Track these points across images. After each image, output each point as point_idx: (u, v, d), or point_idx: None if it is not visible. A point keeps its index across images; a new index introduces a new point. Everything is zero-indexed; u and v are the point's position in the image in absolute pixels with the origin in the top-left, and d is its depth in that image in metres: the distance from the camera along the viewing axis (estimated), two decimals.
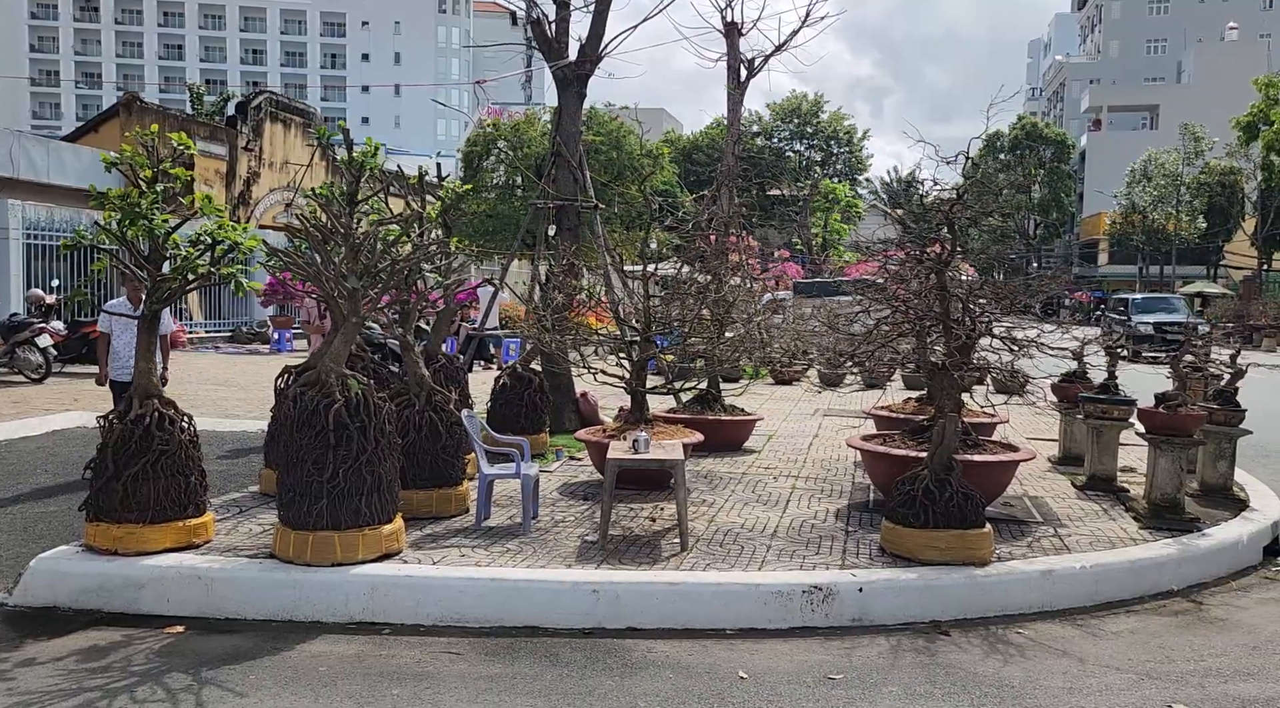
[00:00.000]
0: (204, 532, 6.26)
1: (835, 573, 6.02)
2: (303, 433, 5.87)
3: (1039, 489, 8.73)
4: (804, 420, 13.44)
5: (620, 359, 8.68)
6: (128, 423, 6.00)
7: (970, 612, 5.93)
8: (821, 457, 10.20)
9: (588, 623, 5.64)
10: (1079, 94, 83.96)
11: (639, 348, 8.67)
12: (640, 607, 5.69)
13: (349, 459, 5.86)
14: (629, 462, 6.66)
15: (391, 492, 6.11)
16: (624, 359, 8.64)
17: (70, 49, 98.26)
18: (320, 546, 5.82)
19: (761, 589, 5.77)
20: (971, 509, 6.23)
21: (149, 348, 6.18)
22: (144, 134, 6.11)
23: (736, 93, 19.26)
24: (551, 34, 11.35)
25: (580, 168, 11.51)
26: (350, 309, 6.17)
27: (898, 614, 5.83)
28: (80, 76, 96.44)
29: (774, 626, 5.69)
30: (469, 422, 7.07)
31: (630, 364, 8.59)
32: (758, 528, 7.11)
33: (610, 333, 9.15)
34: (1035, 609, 6.05)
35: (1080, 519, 7.59)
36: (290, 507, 5.91)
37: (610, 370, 8.68)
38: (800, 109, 63.59)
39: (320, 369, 6.03)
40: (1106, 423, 8.57)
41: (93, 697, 4.55)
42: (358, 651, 5.25)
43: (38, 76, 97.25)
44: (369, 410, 5.97)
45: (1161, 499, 7.51)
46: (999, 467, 7.46)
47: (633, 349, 8.72)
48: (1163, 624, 5.94)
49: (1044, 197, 69.53)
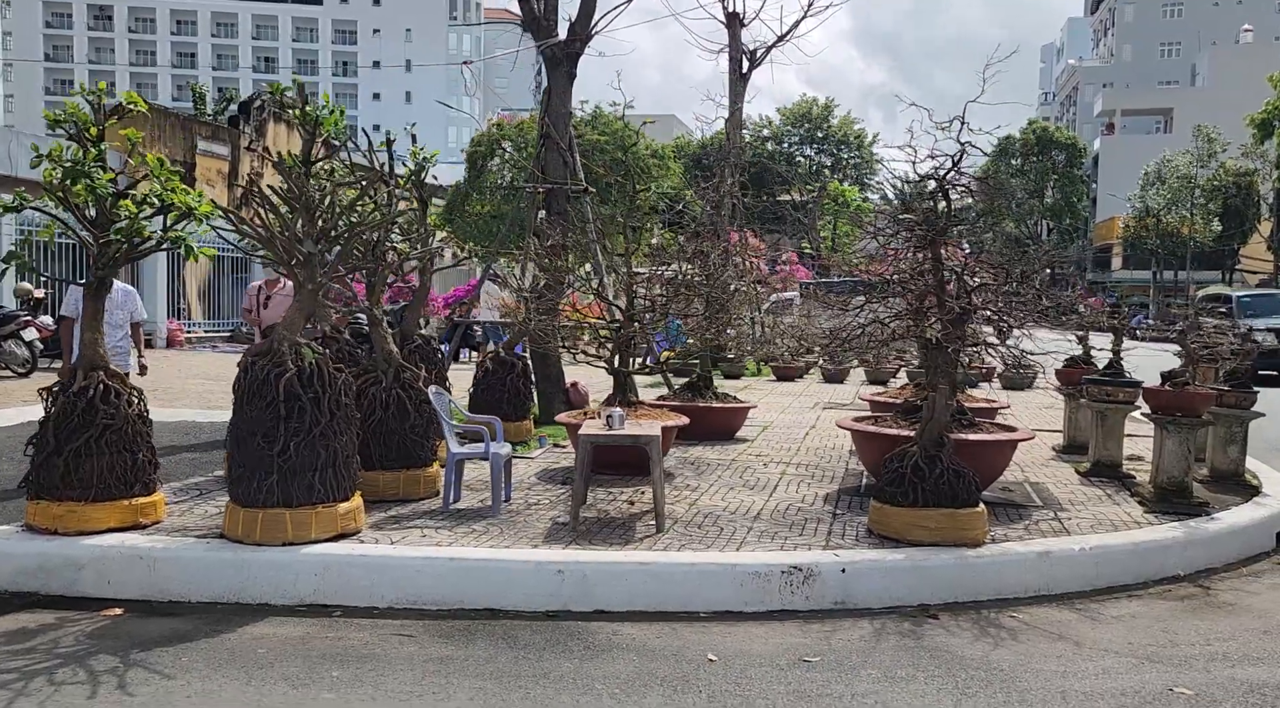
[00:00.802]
0: (152, 512, 5.94)
1: (817, 554, 5.66)
2: (252, 405, 5.56)
3: (1041, 476, 8.35)
4: (802, 413, 13.07)
5: (601, 340, 8.35)
6: (70, 396, 5.70)
7: (961, 595, 5.56)
8: (816, 446, 9.83)
9: (552, 605, 5.30)
10: (1091, 98, 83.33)
11: (622, 328, 8.33)
12: (609, 588, 5.35)
13: (301, 432, 5.53)
14: (602, 438, 6.33)
15: (348, 468, 5.79)
16: (605, 340, 8.30)
17: (84, 57, 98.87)
18: (270, 524, 5.49)
19: (738, 570, 5.42)
20: (963, 487, 5.86)
21: (94, 316, 5.88)
22: (90, 92, 5.83)
23: (739, 84, 18.93)
24: (540, 11, 11.06)
25: (570, 150, 11.20)
26: (307, 276, 5.86)
27: (883, 597, 5.47)
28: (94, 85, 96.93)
29: (751, 608, 5.34)
30: (436, 399, 6.74)
31: (616, 346, 8.25)
32: (740, 511, 6.76)
33: (598, 320, 8.81)
34: (1031, 593, 5.68)
35: (1082, 504, 7.20)
36: (240, 483, 5.59)
37: (590, 351, 8.35)
38: (810, 113, 63.23)
39: (273, 337, 5.71)
40: (1111, 406, 8.18)
41: (6, 678, 4.24)
42: (304, 633, 4.92)
43: (52, 85, 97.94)
44: (323, 381, 5.65)
45: (1168, 482, 7.12)
46: (994, 447, 7.09)
47: (617, 330, 8.39)
48: (1167, 608, 5.56)
49: (1056, 201, 68.93)
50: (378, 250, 7.04)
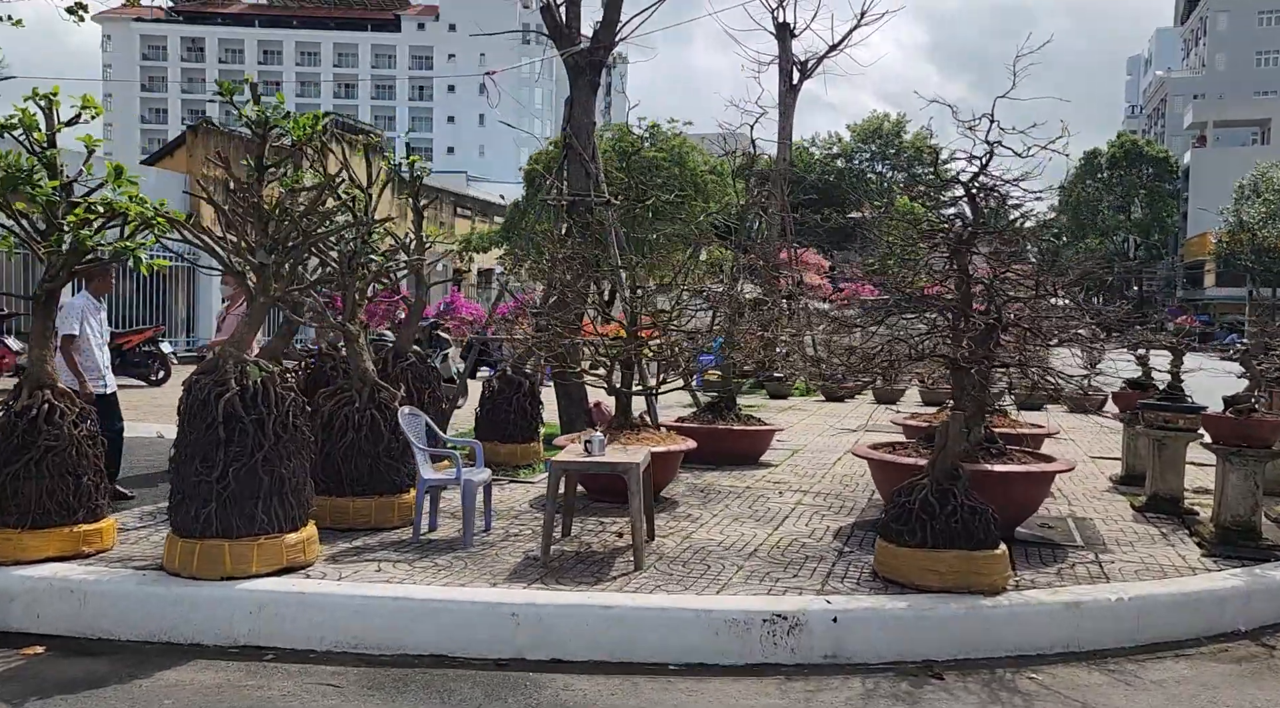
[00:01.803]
0: (98, 540, 5.57)
1: (807, 599, 5.01)
2: (193, 427, 5.16)
3: (1090, 511, 7.52)
4: (840, 436, 12.31)
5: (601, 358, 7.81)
6: (11, 415, 5.37)
7: (973, 651, 4.86)
8: (845, 473, 9.12)
9: (504, 652, 4.76)
10: (1181, 110, 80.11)
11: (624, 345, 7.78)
12: (567, 634, 4.79)
13: (242, 456, 5.11)
14: (575, 465, 5.78)
15: (298, 496, 5.34)
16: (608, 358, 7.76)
17: (178, 88, 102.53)
18: (207, 556, 5.07)
19: (713, 616, 4.81)
20: (980, 526, 5.16)
21: (43, 333, 5.56)
22: (40, 96, 5.53)
23: (789, 96, 18.30)
24: (561, 19, 10.65)
25: (594, 161, 10.73)
26: (260, 288, 5.46)
27: (882, 652, 4.81)
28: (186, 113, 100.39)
29: (728, 661, 4.73)
30: (409, 420, 6.27)
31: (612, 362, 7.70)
32: (736, 546, 6.13)
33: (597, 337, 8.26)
34: (1058, 649, 4.95)
35: (1131, 544, 6.40)
36: (178, 511, 5.19)
37: (590, 370, 7.83)
38: (881, 130, 61.94)
39: (219, 354, 5.32)
40: (1170, 434, 7.34)
41: None
42: (223, 680, 4.47)
43: (148, 114, 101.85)
44: (270, 401, 5.22)
45: (1232, 522, 6.28)
46: (1025, 479, 6.33)
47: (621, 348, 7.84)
48: (1220, 672, 4.78)
49: (1145, 217, 66.27)
50: (354, 262, 6.63)
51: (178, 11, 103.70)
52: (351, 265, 6.59)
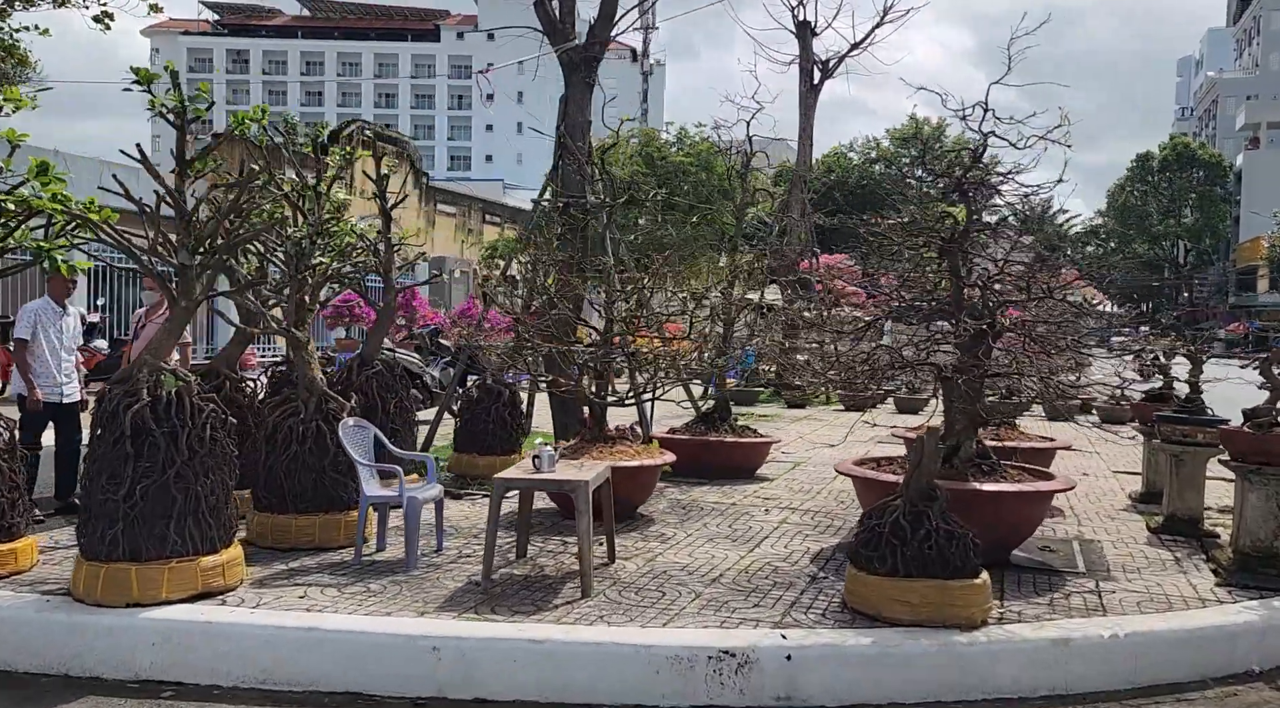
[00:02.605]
0: (11, 561, 5.24)
1: (760, 634, 4.54)
2: (101, 440, 4.81)
3: (1101, 532, 6.93)
4: (849, 448, 11.66)
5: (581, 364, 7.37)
6: None
7: (945, 693, 4.36)
8: (843, 488, 8.56)
9: (425, 690, 4.35)
10: (1233, 111, 77.96)
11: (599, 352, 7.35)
12: (493, 670, 4.36)
13: (153, 473, 4.75)
14: (520, 482, 5.35)
15: (217, 515, 4.96)
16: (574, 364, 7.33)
17: (223, 98, 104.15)
18: (113, 581, 4.71)
19: (654, 653, 4.35)
20: (957, 552, 4.65)
21: None
22: None
23: (810, 96, 17.76)
24: (555, 15, 10.26)
25: (590, 162, 10.32)
26: (182, 291, 5.10)
27: (840, 694, 4.32)
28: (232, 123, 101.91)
29: (668, 703, 4.27)
30: (352, 432, 5.88)
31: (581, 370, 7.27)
32: (701, 570, 5.65)
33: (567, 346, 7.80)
34: (1042, 693, 4.43)
35: (1138, 571, 5.82)
36: (85, 532, 4.84)
37: (561, 380, 7.40)
38: (920, 134, 60.90)
39: (134, 363, 4.97)
40: (1188, 449, 6.74)
41: None
42: None
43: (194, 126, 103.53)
44: (185, 413, 4.85)
45: (1251, 547, 5.68)
46: (1018, 499, 5.78)
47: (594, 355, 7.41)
48: None
49: (1195, 221, 64.46)
50: (303, 264, 6.26)
51: (223, 24, 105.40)
52: (299, 268, 6.22)
